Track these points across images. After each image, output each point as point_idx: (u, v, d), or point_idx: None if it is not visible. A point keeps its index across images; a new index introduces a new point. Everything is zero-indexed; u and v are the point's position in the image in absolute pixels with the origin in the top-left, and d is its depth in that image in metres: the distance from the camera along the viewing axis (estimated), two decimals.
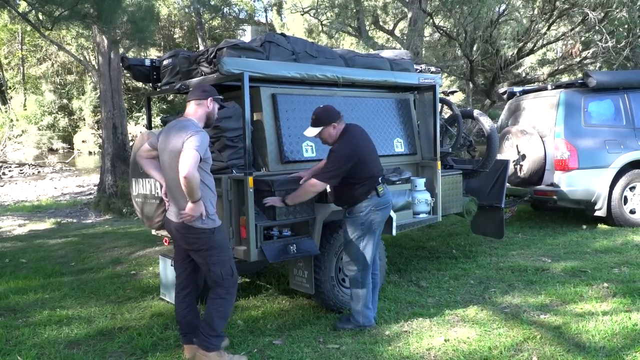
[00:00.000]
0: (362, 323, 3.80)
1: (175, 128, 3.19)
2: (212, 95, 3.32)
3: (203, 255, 3.25)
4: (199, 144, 3.05)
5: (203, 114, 3.30)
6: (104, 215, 10.18)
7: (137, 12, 9.02)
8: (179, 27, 30.01)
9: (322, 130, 3.71)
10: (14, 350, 3.63)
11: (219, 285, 3.29)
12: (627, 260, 5.21)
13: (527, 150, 6.97)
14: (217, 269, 3.25)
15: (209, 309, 3.29)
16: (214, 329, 3.27)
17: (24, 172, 19.71)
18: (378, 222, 3.75)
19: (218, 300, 3.29)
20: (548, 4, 11.90)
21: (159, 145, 3.30)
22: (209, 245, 3.22)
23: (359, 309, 3.81)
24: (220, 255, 3.27)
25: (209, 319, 3.27)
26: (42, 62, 29.97)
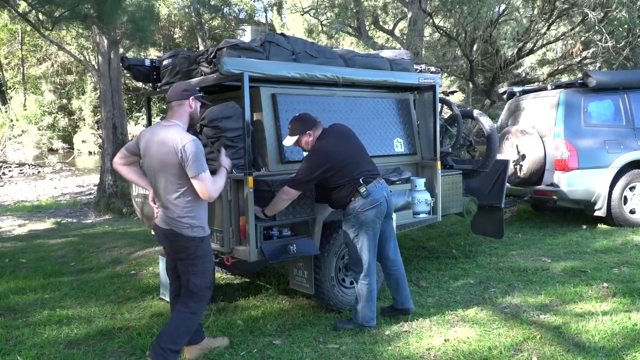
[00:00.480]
0: (361, 322, 3.81)
1: (163, 134, 3.07)
2: (193, 94, 3.21)
3: (186, 264, 3.17)
4: (198, 161, 2.99)
5: (186, 115, 3.20)
6: (104, 215, 10.18)
7: (137, 12, 9.01)
8: (179, 27, 30.02)
9: (299, 138, 3.74)
10: (14, 350, 3.63)
11: (194, 296, 3.19)
12: (627, 260, 5.21)
13: (527, 150, 6.97)
14: (197, 280, 3.18)
15: (176, 322, 3.17)
16: (176, 343, 3.15)
17: (24, 172, 19.71)
18: (370, 222, 3.71)
19: (189, 315, 3.19)
20: (548, 4, 11.90)
21: (143, 150, 3.19)
22: (195, 254, 3.15)
23: (360, 308, 3.81)
24: (204, 266, 3.21)
25: (173, 332, 3.15)
26: (42, 62, 29.98)
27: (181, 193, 3.09)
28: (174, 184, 3.07)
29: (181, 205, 3.10)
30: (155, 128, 3.19)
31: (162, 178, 3.09)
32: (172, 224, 3.13)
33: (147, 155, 3.17)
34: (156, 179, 3.13)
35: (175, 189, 3.08)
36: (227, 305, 4.47)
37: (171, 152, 3.01)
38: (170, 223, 3.14)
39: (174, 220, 3.12)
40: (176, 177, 3.05)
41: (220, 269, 5.34)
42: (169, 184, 3.08)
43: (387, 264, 3.98)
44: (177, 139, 3.01)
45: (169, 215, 3.13)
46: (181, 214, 3.11)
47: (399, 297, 3.98)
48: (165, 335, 3.17)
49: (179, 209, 3.10)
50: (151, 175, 3.18)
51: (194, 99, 3.22)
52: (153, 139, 3.13)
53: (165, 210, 3.15)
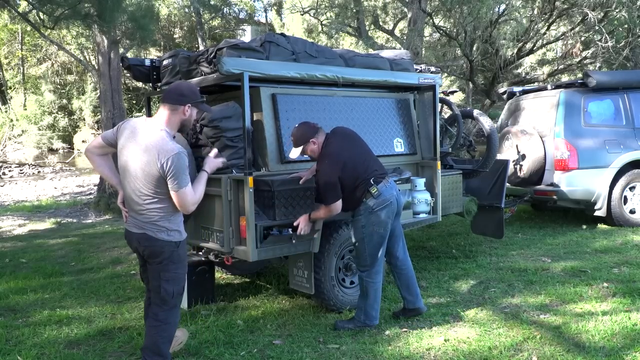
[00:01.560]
0: (363, 321, 3.80)
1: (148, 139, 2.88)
2: (190, 101, 3.00)
3: (159, 269, 3.02)
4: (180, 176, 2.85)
5: (177, 122, 2.99)
6: (104, 215, 10.18)
7: (137, 12, 9.01)
8: (179, 27, 30.02)
9: (304, 148, 3.75)
10: (14, 350, 3.63)
11: (164, 303, 3.05)
12: (627, 260, 5.21)
13: (527, 150, 6.97)
14: (169, 286, 3.02)
15: (153, 337, 3.05)
16: (161, 353, 3.07)
17: (24, 172, 19.71)
18: (381, 222, 3.72)
19: (163, 326, 3.06)
20: (548, 4, 11.90)
21: (121, 146, 2.98)
22: (170, 259, 3.01)
23: (364, 306, 3.80)
24: (177, 272, 3.06)
25: (154, 347, 3.05)
26: (42, 62, 29.97)
27: (158, 200, 2.94)
28: (151, 190, 2.91)
29: (157, 210, 2.95)
30: (139, 126, 2.96)
31: (139, 184, 2.91)
32: (147, 228, 2.97)
33: (124, 154, 2.95)
34: (132, 182, 2.94)
35: (153, 196, 2.92)
36: (227, 305, 4.47)
37: (153, 162, 2.84)
38: (143, 227, 2.97)
39: (149, 224, 2.96)
40: (155, 186, 2.90)
41: (220, 269, 5.34)
42: (147, 190, 2.91)
43: (396, 264, 3.97)
44: (162, 149, 2.83)
45: (142, 219, 2.97)
46: (157, 218, 2.96)
47: (410, 296, 3.97)
48: (147, 349, 3.09)
49: (154, 213, 2.95)
50: (126, 175, 2.96)
51: (191, 106, 3.03)
52: (135, 139, 2.92)
53: (139, 215, 2.97)
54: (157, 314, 3.07)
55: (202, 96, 3.20)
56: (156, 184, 2.89)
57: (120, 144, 2.99)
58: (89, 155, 3.14)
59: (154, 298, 3.10)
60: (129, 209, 3.05)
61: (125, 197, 3.06)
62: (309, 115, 4.37)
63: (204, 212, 3.95)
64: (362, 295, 3.84)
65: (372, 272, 3.78)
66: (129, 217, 3.05)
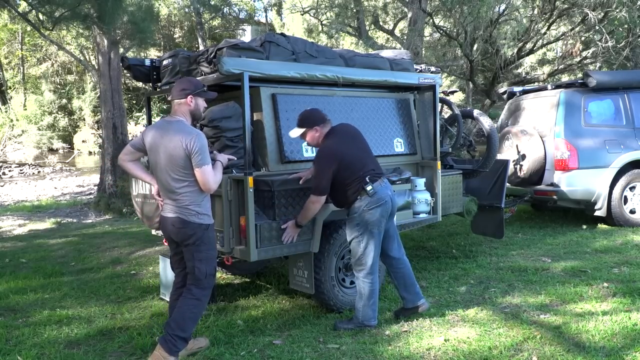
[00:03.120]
0: (362, 321, 3.80)
1: (169, 129, 3.23)
2: (191, 92, 3.29)
3: (192, 250, 3.29)
4: (204, 154, 3.16)
5: (187, 112, 3.31)
6: (104, 215, 10.18)
7: (137, 12, 9.01)
8: (179, 27, 30.03)
9: (305, 132, 3.77)
10: (14, 350, 3.63)
11: (199, 283, 3.31)
12: (627, 260, 5.21)
13: (527, 150, 6.97)
14: (202, 266, 3.29)
15: (183, 309, 3.27)
16: (184, 329, 3.25)
17: (24, 172, 19.72)
18: (375, 221, 3.72)
19: (194, 301, 3.30)
20: (548, 4, 11.90)
21: (149, 146, 3.30)
22: (201, 240, 3.28)
23: (361, 307, 3.81)
24: (209, 252, 3.33)
25: (180, 319, 3.25)
26: (42, 62, 29.98)
27: (188, 183, 3.22)
28: (181, 175, 3.20)
29: (188, 194, 3.23)
30: (160, 124, 3.32)
31: (170, 170, 3.21)
32: (180, 212, 3.25)
33: (153, 151, 3.28)
34: (163, 172, 3.24)
35: (183, 180, 3.21)
36: (227, 305, 4.47)
37: (178, 145, 3.15)
38: (177, 211, 3.25)
39: (182, 208, 3.24)
40: (183, 168, 3.19)
41: (220, 269, 5.34)
42: (177, 175, 3.20)
43: (392, 263, 3.97)
44: (185, 132, 3.18)
45: (176, 205, 3.25)
46: (188, 203, 3.24)
47: (409, 295, 3.96)
48: (172, 322, 3.26)
49: (186, 198, 3.23)
50: (158, 169, 3.28)
51: (193, 97, 3.29)
52: (159, 134, 3.25)
53: (173, 201, 3.27)
54: (191, 289, 3.32)
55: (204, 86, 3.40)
56: (184, 166, 3.19)
57: (147, 143, 3.31)
58: (122, 163, 3.43)
59: (189, 279, 3.35)
60: (164, 198, 3.34)
61: (160, 188, 3.36)
62: None
63: None
64: (359, 296, 3.84)
65: (368, 272, 3.78)
66: (165, 204, 3.34)
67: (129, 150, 3.41)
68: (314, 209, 3.74)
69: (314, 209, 3.73)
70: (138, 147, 3.37)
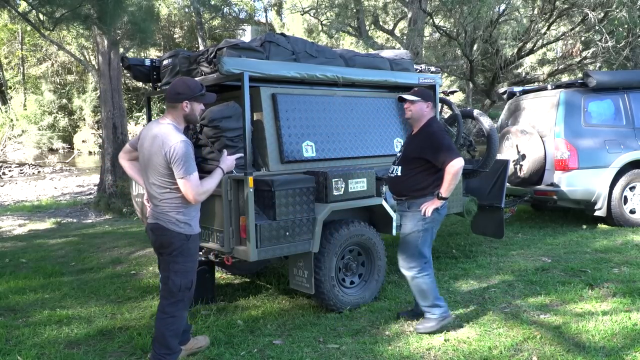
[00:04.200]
0: (439, 315, 3.68)
1: (155, 133, 3.08)
2: (187, 97, 3.11)
3: (169, 261, 3.14)
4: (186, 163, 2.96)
5: (180, 117, 3.15)
6: (104, 215, 10.18)
7: (137, 12, 9.01)
8: (179, 27, 30.03)
9: (418, 102, 3.65)
10: (14, 350, 3.63)
11: (172, 296, 3.15)
12: (627, 260, 5.21)
13: (527, 150, 6.97)
14: (177, 278, 3.13)
15: (161, 329, 3.16)
16: (169, 347, 3.17)
17: (24, 172, 19.71)
18: (439, 220, 3.69)
19: (169, 319, 3.17)
20: (548, 4, 11.90)
21: (139, 147, 3.23)
22: (179, 251, 3.11)
23: (430, 303, 3.70)
24: (186, 265, 3.16)
25: (162, 340, 3.15)
26: (42, 62, 29.99)
27: (170, 190, 3.07)
28: (162, 181, 3.07)
29: (169, 200, 3.09)
30: (151, 124, 3.21)
31: (152, 174, 3.10)
32: (159, 218, 3.12)
33: (141, 152, 3.20)
34: (147, 174, 3.15)
35: (164, 186, 3.07)
36: (227, 305, 4.47)
37: (158, 151, 3.01)
38: (157, 217, 3.13)
39: (162, 214, 3.11)
40: (164, 175, 3.05)
41: (221, 269, 5.34)
42: (158, 180, 3.08)
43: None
44: (166, 138, 3.00)
45: (157, 210, 3.13)
46: (169, 209, 3.09)
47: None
48: (156, 342, 3.19)
49: (167, 205, 3.09)
50: (143, 171, 3.20)
51: (189, 102, 3.12)
52: (147, 135, 3.15)
53: (155, 206, 3.15)
54: (164, 306, 3.18)
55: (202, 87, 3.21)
56: (164, 173, 3.04)
57: (139, 144, 3.24)
58: (120, 161, 3.44)
59: (162, 290, 3.22)
60: (149, 200, 3.23)
61: (146, 190, 3.25)
62: (309, 115, 4.38)
63: (204, 212, 3.94)
64: (421, 295, 3.72)
65: (421, 268, 3.69)
66: (151, 209, 3.22)
67: (127, 149, 3.37)
68: (459, 176, 3.52)
69: (459, 174, 3.51)
70: (134, 146, 3.32)
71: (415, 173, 3.65)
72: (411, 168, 3.67)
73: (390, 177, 3.85)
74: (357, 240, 4.27)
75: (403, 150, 3.82)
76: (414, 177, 3.66)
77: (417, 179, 3.65)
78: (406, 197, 3.71)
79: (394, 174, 3.79)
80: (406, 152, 3.75)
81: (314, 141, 4.36)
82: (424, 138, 3.64)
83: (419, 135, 3.71)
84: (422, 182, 3.63)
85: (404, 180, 3.70)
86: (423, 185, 3.64)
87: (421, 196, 3.63)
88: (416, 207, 3.66)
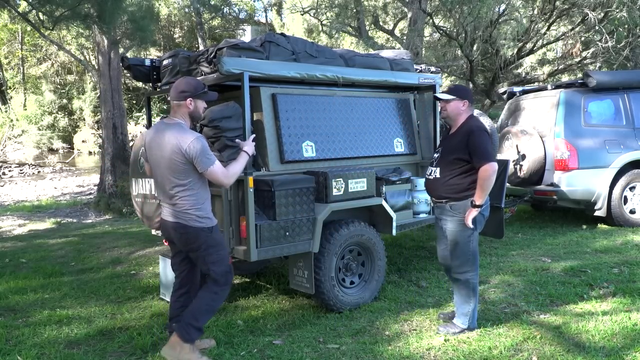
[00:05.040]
0: (470, 325, 3.63)
1: (166, 133, 3.17)
2: (191, 95, 3.22)
3: (202, 255, 3.26)
4: (205, 156, 3.10)
5: (185, 114, 3.25)
6: (104, 215, 10.18)
7: (137, 12, 9.02)
8: (179, 27, 30.02)
9: (453, 100, 3.57)
10: (14, 350, 3.63)
11: (217, 284, 3.29)
12: (627, 260, 5.21)
13: (527, 150, 6.97)
14: (217, 268, 3.26)
15: (200, 300, 3.28)
16: (197, 320, 3.26)
17: (24, 172, 19.71)
18: (483, 221, 3.59)
19: (212, 294, 3.29)
20: (548, 4, 11.90)
21: (147, 149, 3.30)
22: (207, 244, 3.23)
23: (469, 311, 3.63)
24: (219, 253, 3.29)
25: (196, 310, 3.27)
26: (42, 62, 29.99)
27: (187, 187, 3.17)
28: (180, 179, 3.16)
29: (187, 198, 3.18)
30: (158, 127, 3.28)
31: (169, 175, 3.17)
32: (179, 217, 3.21)
33: (151, 154, 3.27)
34: (162, 175, 3.21)
35: (181, 184, 3.17)
36: (227, 305, 4.47)
37: (176, 151, 3.10)
38: (177, 216, 3.21)
39: (181, 212, 3.20)
40: (182, 173, 3.14)
41: None
42: (176, 180, 3.16)
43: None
44: (182, 137, 3.11)
45: (175, 209, 3.21)
46: (188, 207, 3.19)
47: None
48: (188, 312, 3.29)
49: (185, 202, 3.18)
50: (156, 172, 3.26)
51: (193, 99, 3.23)
52: (156, 138, 3.22)
53: (172, 205, 3.23)
54: (211, 286, 3.30)
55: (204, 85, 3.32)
56: (182, 170, 3.14)
57: (146, 143, 3.32)
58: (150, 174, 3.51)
59: (208, 280, 3.32)
60: (162, 200, 3.30)
61: (158, 192, 3.34)
62: (309, 115, 4.38)
63: None
64: (466, 298, 3.62)
65: (474, 271, 3.61)
66: (164, 206, 3.29)
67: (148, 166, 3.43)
68: (491, 179, 3.40)
69: (491, 178, 3.39)
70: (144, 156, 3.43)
71: (455, 174, 3.53)
72: (450, 169, 3.55)
73: (428, 180, 3.72)
74: (357, 240, 4.27)
75: (440, 151, 3.69)
76: (454, 179, 3.54)
77: (456, 180, 3.53)
78: (447, 200, 3.56)
79: (432, 176, 3.65)
80: (444, 153, 3.63)
81: (314, 141, 4.36)
82: (462, 138, 3.51)
83: (456, 135, 3.59)
84: (462, 183, 3.51)
85: (443, 183, 3.57)
86: (463, 186, 3.50)
87: (463, 198, 3.50)
88: (459, 211, 3.52)
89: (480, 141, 3.44)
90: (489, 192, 3.47)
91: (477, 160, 3.42)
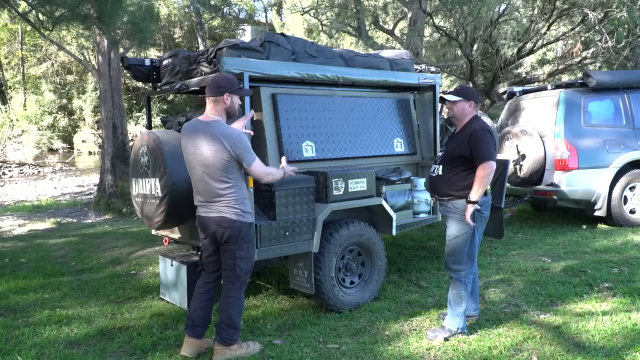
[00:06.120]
0: (461, 327, 3.61)
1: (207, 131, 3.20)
2: (227, 90, 3.29)
3: (234, 249, 3.30)
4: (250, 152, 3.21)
5: (222, 110, 3.31)
6: (104, 215, 10.18)
7: (137, 12, 9.01)
8: (179, 27, 30.02)
9: (460, 102, 3.60)
10: (14, 350, 3.63)
11: (237, 280, 3.34)
12: (627, 260, 5.21)
13: (527, 150, 6.97)
14: (243, 264, 3.33)
15: (228, 311, 3.35)
16: (235, 325, 3.37)
17: (24, 172, 19.71)
18: (484, 219, 3.61)
19: (235, 301, 3.37)
20: (548, 4, 11.90)
21: (184, 147, 3.33)
22: (244, 238, 3.32)
23: (461, 311, 3.62)
24: (249, 250, 3.38)
25: (228, 320, 3.35)
26: (42, 62, 29.98)
27: (233, 184, 3.25)
28: (226, 176, 3.22)
29: (232, 194, 3.25)
30: (194, 126, 3.31)
31: (214, 173, 3.22)
32: (224, 212, 3.26)
33: (191, 153, 3.29)
34: (205, 175, 3.24)
35: (227, 181, 3.23)
36: None
37: (222, 149, 3.16)
38: (221, 211, 3.26)
39: (228, 207, 3.26)
40: (227, 169, 3.21)
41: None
42: (222, 177, 3.22)
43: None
44: (226, 135, 3.18)
45: (220, 204, 3.26)
46: (234, 202, 3.26)
47: (474, 304, 3.85)
48: (222, 325, 3.36)
49: (231, 198, 3.25)
50: (196, 169, 3.28)
51: (229, 94, 3.29)
52: (194, 137, 3.26)
53: (216, 202, 3.27)
54: (229, 291, 3.37)
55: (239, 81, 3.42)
56: (227, 167, 3.21)
57: (183, 143, 3.34)
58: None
59: (227, 276, 3.38)
60: (204, 198, 3.31)
61: (198, 190, 3.34)
62: (309, 115, 4.38)
63: None
64: (456, 301, 3.61)
65: (468, 272, 3.62)
66: (203, 205, 3.33)
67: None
68: (488, 177, 3.45)
69: (488, 177, 3.45)
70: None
71: (457, 172, 3.57)
72: (453, 167, 3.59)
73: (431, 177, 3.77)
74: (357, 240, 4.27)
75: (445, 149, 3.74)
76: (456, 176, 3.57)
77: (458, 178, 3.56)
78: (448, 197, 3.60)
79: (435, 173, 3.71)
80: (448, 151, 3.67)
81: (314, 141, 4.36)
82: (466, 137, 3.55)
83: (461, 134, 3.63)
84: (464, 181, 3.54)
85: (445, 180, 3.62)
86: (465, 184, 3.52)
87: (464, 196, 3.51)
88: (460, 208, 3.54)
89: (483, 141, 3.49)
90: (484, 191, 3.50)
91: (478, 158, 3.47)
